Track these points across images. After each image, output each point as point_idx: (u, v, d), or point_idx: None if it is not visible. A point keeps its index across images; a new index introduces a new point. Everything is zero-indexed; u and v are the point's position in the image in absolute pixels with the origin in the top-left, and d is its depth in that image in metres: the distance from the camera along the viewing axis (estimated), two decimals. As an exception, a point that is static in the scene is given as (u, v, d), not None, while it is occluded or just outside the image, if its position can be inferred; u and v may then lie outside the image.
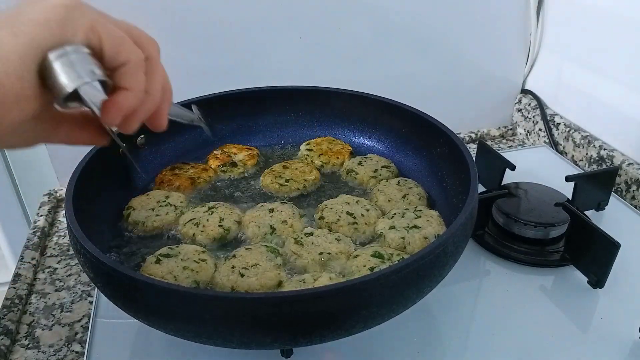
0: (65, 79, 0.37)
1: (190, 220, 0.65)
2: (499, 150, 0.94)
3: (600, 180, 0.81)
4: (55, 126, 0.43)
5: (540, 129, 1.09)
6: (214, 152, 0.80)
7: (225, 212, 0.67)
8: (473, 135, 1.13)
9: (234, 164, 0.78)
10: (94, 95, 0.39)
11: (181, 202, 0.69)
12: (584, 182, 0.78)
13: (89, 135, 0.46)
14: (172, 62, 0.90)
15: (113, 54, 0.39)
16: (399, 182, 0.72)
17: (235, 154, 0.79)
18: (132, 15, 0.84)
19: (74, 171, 0.59)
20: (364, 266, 0.57)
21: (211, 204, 0.68)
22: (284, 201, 0.69)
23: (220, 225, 0.64)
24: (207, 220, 0.65)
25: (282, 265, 0.58)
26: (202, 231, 0.64)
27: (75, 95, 0.38)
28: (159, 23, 0.87)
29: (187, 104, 0.62)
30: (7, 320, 0.66)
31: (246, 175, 0.78)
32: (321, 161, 0.78)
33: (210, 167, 0.77)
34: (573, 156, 1.01)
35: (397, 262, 0.57)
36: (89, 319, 0.66)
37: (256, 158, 0.80)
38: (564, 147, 1.04)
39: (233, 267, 0.57)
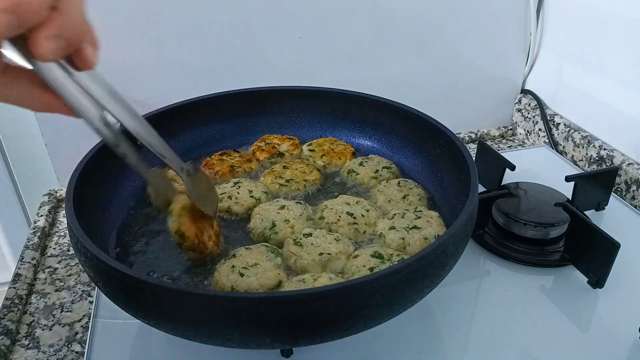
0: None
1: (222, 194, 0.70)
2: (498, 150, 0.94)
3: (600, 180, 0.81)
4: (5, 82, 0.38)
5: (540, 129, 1.09)
6: (257, 143, 0.82)
7: (251, 185, 0.72)
8: (473, 135, 1.13)
9: (281, 155, 0.80)
10: None
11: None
12: (583, 182, 0.78)
13: (46, 97, 0.40)
14: (173, 62, 0.91)
15: None
16: (399, 183, 0.72)
17: (278, 144, 0.81)
18: (133, 15, 0.85)
19: (74, 171, 0.59)
20: (364, 266, 0.57)
21: (235, 179, 0.73)
22: (300, 201, 0.69)
23: (251, 196, 0.70)
24: (238, 193, 0.70)
25: (282, 265, 0.58)
26: (236, 203, 0.69)
27: None
28: (159, 23, 0.87)
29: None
30: (7, 320, 0.66)
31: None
32: (323, 162, 0.78)
33: (257, 159, 0.79)
34: (573, 156, 1.01)
35: (397, 262, 0.57)
36: (89, 319, 0.66)
37: (299, 147, 0.82)
38: (563, 147, 1.04)
39: (233, 266, 0.57)
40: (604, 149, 0.94)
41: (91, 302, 0.71)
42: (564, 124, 1.03)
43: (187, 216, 0.57)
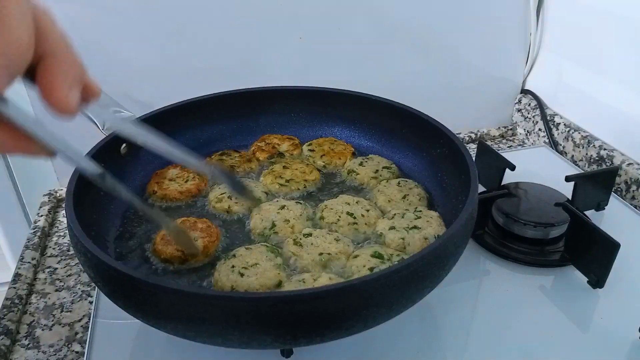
0: None
1: (222, 194, 0.70)
2: (498, 150, 0.94)
3: (600, 180, 0.81)
4: None
5: (540, 129, 1.09)
6: (257, 143, 0.82)
7: (251, 185, 0.72)
8: (473, 135, 1.13)
9: (281, 155, 0.80)
10: None
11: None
12: (583, 182, 0.78)
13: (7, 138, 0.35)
14: (173, 63, 0.91)
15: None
16: (399, 183, 0.72)
17: (278, 144, 0.81)
18: (133, 16, 0.85)
19: (74, 171, 0.59)
20: (364, 266, 0.57)
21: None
22: (300, 201, 0.69)
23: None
24: None
25: (282, 265, 0.58)
26: (236, 203, 0.69)
27: None
28: (159, 23, 0.87)
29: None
30: (7, 320, 0.66)
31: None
32: (323, 162, 0.78)
33: (257, 159, 0.79)
34: (573, 156, 1.01)
35: (396, 262, 0.57)
36: (89, 319, 0.66)
37: (299, 147, 0.81)
38: (563, 147, 1.04)
39: (233, 266, 0.57)
40: (604, 149, 0.94)
41: (91, 302, 0.71)
42: (564, 124, 1.03)
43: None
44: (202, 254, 0.61)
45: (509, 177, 0.81)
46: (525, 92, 1.15)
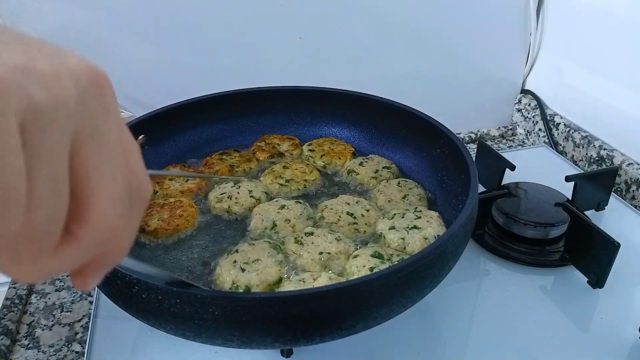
0: None
1: (222, 194, 0.70)
2: (498, 150, 0.94)
3: (600, 180, 0.81)
4: None
5: (540, 129, 1.09)
6: (257, 143, 0.82)
7: (251, 185, 0.72)
8: (473, 135, 1.13)
9: (281, 155, 0.80)
10: None
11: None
12: (583, 182, 0.78)
13: None
14: (173, 62, 0.91)
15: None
16: (399, 183, 0.72)
17: (278, 144, 0.81)
18: (132, 15, 0.85)
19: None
20: (364, 266, 0.57)
21: (235, 179, 0.74)
22: (299, 200, 0.69)
23: (251, 196, 0.70)
24: (238, 193, 0.70)
25: (284, 262, 0.59)
26: (236, 203, 0.69)
27: None
28: (159, 23, 0.87)
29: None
30: (7, 320, 0.66)
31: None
32: (323, 162, 0.78)
33: (257, 159, 0.79)
34: (573, 156, 1.01)
35: (396, 262, 0.57)
36: (89, 319, 0.66)
37: (299, 147, 0.82)
38: (563, 147, 1.04)
39: (235, 261, 0.57)
40: (604, 149, 0.94)
41: (91, 302, 0.71)
42: (564, 124, 1.03)
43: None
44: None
45: (509, 177, 0.81)
46: (525, 92, 1.15)
